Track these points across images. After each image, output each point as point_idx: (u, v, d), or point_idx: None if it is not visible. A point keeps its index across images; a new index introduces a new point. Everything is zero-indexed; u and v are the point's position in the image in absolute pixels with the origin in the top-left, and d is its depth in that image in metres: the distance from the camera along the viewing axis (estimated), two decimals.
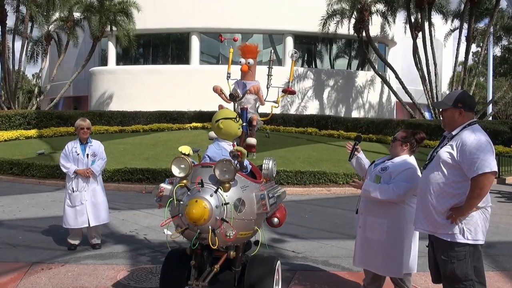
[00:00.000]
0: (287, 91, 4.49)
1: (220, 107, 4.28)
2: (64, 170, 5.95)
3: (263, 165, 4.18)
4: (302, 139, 19.53)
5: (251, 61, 4.44)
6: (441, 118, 3.58)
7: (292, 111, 26.65)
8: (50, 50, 29.26)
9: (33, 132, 20.31)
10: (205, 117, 21.91)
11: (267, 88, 4.58)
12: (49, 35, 27.53)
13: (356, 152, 4.48)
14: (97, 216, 5.97)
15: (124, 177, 11.56)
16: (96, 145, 6.07)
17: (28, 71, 69.16)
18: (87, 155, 5.94)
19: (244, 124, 4.16)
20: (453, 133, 3.40)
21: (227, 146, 3.95)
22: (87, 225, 5.93)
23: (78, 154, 5.92)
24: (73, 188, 5.91)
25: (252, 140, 4.28)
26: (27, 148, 16.67)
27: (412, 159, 4.10)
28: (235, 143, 4.06)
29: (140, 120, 22.87)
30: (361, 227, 4.14)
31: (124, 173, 11.57)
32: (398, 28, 29.15)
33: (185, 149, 3.76)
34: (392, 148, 4.17)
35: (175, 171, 3.56)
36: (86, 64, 26.19)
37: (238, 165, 3.66)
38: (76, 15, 26.49)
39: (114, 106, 26.32)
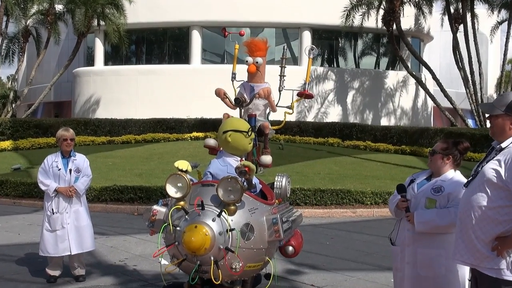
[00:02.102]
0: (303, 94, 4.48)
1: (226, 116, 4.27)
2: (43, 188, 5.95)
3: (275, 183, 4.15)
4: (322, 151, 19.47)
5: (259, 60, 4.43)
6: (488, 126, 3.52)
7: (310, 118, 26.65)
8: (28, 48, 29.69)
9: (7, 143, 20.51)
10: (207, 125, 21.98)
11: (279, 91, 4.57)
12: (27, 30, 27.96)
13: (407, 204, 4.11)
14: (80, 243, 5.97)
15: (113, 196, 11.59)
16: (80, 160, 6.07)
17: (2, 73, 70.26)
18: (70, 170, 5.93)
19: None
20: (503, 145, 3.33)
21: (234, 162, 3.92)
22: (69, 253, 5.93)
23: (59, 170, 5.91)
24: (52, 209, 5.89)
25: (267, 159, 4.24)
26: (0, 162, 16.83)
27: (460, 175, 4.05)
28: (243, 158, 4.04)
29: (132, 129, 23.00)
30: (410, 262, 3.98)
31: (113, 192, 11.61)
32: (435, 20, 29.12)
33: (183, 164, 3.75)
34: (431, 163, 4.10)
35: (171, 190, 3.54)
36: (69, 64, 26.50)
37: (245, 183, 3.63)
38: (58, 7, 26.88)
39: (102, 113, 26.53)
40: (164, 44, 28.93)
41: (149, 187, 11.68)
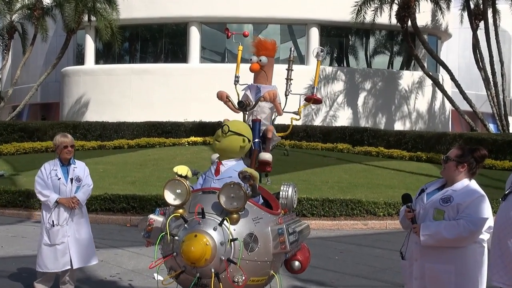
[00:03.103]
0: (311, 99, 4.50)
1: (227, 121, 4.29)
2: (43, 199, 5.90)
3: (281, 193, 4.17)
4: (330, 158, 19.46)
5: (263, 59, 4.45)
6: (511, 131, 3.50)
7: (318, 122, 26.66)
8: (13, 46, 29.76)
9: None
10: (207, 129, 22.00)
11: (286, 96, 4.59)
12: (12, 26, 28.03)
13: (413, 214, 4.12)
14: (82, 256, 5.95)
15: (104, 206, 11.60)
16: (80, 168, 6.08)
17: None
18: (71, 180, 5.92)
19: (257, 140, 4.16)
20: None
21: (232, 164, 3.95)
22: (69, 267, 5.90)
23: (59, 179, 5.88)
24: (53, 221, 5.85)
25: (266, 156, 4.25)
26: None
27: (475, 184, 4.05)
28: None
29: (125, 134, 23.04)
30: (418, 278, 3.99)
31: (104, 201, 11.62)
32: (454, 17, 29.14)
33: (182, 169, 3.77)
34: (444, 171, 4.10)
35: (169, 197, 3.56)
36: (57, 63, 26.58)
37: (249, 190, 3.65)
38: (46, 1, 26.98)
39: (92, 115, 26.58)
40: (160, 41, 29.00)
41: (143, 196, 11.68)
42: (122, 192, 12.14)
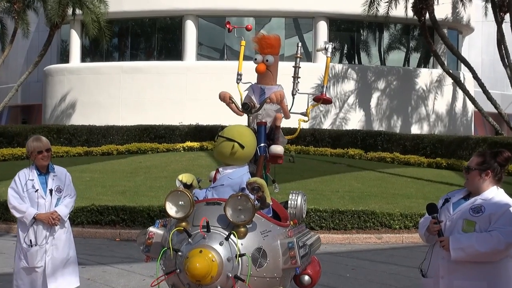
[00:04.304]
0: (321, 99, 4.53)
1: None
2: (17, 215, 5.58)
3: (289, 202, 4.22)
4: (340, 165, 19.47)
5: (270, 58, 4.48)
6: None
7: (327, 125, 26.69)
8: None
9: None
10: (204, 133, 22.05)
11: (293, 95, 4.63)
12: None
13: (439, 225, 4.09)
14: (64, 279, 5.68)
15: (91, 218, 11.61)
16: (61, 175, 5.74)
17: None
18: (51, 190, 5.61)
19: (262, 145, 4.19)
20: None
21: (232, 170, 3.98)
22: None
23: (36, 191, 5.55)
24: (30, 241, 5.54)
25: (277, 148, 4.31)
26: None
27: (504, 193, 4.05)
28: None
29: (114, 138, 23.07)
30: None
31: (91, 213, 11.63)
32: (476, 9, 29.20)
33: (187, 177, 3.82)
34: (468, 182, 4.10)
35: (171, 210, 3.59)
36: (40, 61, 26.62)
37: (257, 202, 3.69)
38: None
39: (78, 118, 26.65)
40: (152, 36, 29.08)
41: (134, 207, 11.68)
42: (111, 203, 12.14)
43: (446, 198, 4.18)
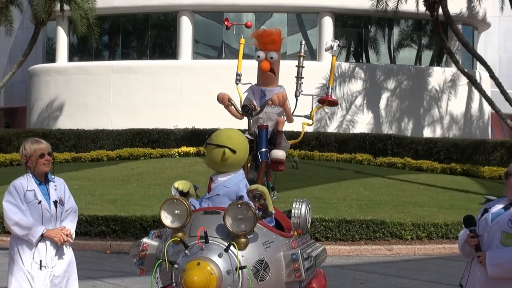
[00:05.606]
0: (326, 100, 4.53)
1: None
2: (20, 233, 4.93)
3: (293, 211, 4.23)
4: (347, 171, 19.48)
5: (274, 55, 4.46)
6: None
7: (332, 128, 26.69)
8: None
9: None
10: (200, 138, 22.02)
11: (296, 96, 4.63)
12: None
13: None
14: None
15: (80, 229, 11.55)
16: (60, 185, 5.30)
17: None
18: (55, 202, 5.10)
19: (264, 149, 4.19)
20: None
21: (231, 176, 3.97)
22: None
23: (39, 203, 4.98)
24: (40, 262, 4.96)
25: (278, 153, 4.32)
26: None
27: None
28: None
29: (104, 143, 23.09)
30: None
31: (79, 224, 11.52)
32: (493, 3, 29.20)
33: (184, 185, 3.81)
34: (508, 189, 4.04)
35: (166, 220, 3.60)
36: (24, 61, 26.63)
37: (259, 210, 3.68)
38: None
39: (65, 122, 26.66)
40: (145, 34, 29.10)
41: (125, 217, 11.71)
42: (101, 213, 12.16)
43: (485, 208, 4.13)
